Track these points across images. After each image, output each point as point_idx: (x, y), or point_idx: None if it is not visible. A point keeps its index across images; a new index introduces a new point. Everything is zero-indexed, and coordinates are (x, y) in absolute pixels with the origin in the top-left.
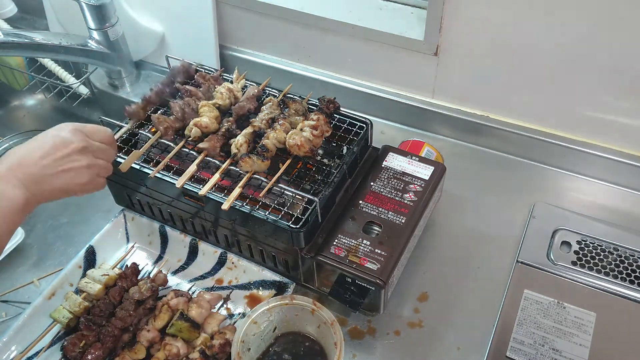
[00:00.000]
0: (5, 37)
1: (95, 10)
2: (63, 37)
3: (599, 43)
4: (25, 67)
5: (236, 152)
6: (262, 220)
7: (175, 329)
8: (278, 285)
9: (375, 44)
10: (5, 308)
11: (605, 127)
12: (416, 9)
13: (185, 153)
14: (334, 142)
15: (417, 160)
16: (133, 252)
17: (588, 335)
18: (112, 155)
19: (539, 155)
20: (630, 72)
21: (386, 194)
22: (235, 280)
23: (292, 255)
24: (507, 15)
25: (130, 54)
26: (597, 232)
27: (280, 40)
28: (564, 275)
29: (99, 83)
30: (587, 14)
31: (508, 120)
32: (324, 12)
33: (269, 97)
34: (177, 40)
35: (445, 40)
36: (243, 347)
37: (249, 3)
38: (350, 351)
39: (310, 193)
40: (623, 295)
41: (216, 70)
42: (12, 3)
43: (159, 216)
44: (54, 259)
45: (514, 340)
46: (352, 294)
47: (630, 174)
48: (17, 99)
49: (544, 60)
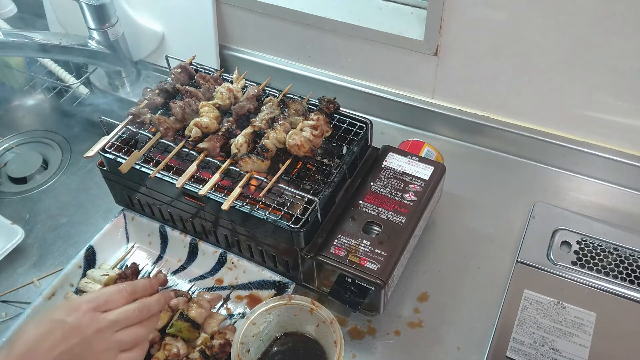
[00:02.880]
0: (5, 37)
1: (95, 10)
2: (63, 37)
3: (599, 43)
4: (25, 67)
5: (236, 152)
6: (262, 220)
7: (175, 329)
8: (278, 285)
9: (375, 44)
10: (5, 308)
11: (605, 127)
12: (416, 9)
13: (185, 153)
14: (334, 142)
15: (417, 160)
16: (133, 252)
17: (588, 335)
18: (148, 313)
19: (539, 155)
20: (630, 72)
21: (386, 194)
22: (235, 280)
23: (292, 255)
24: (507, 15)
25: (130, 54)
26: (597, 232)
27: (280, 40)
28: (564, 275)
29: (99, 83)
30: (587, 14)
31: (508, 120)
32: (324, 12)
33: (269, 97)
34: (177, 40)
35: (445, 40)
36: (243, 348)
37: (249, 3)
38: (350, 351)
39: (310, 193)
40: (623, 295)
41: (216, 70)
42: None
43: (159, 216)
44: (54, 259)
45: (514, 340)
46: (352, 294)
47: (630, 174)
48: (17, 99)
49: (544, 60)
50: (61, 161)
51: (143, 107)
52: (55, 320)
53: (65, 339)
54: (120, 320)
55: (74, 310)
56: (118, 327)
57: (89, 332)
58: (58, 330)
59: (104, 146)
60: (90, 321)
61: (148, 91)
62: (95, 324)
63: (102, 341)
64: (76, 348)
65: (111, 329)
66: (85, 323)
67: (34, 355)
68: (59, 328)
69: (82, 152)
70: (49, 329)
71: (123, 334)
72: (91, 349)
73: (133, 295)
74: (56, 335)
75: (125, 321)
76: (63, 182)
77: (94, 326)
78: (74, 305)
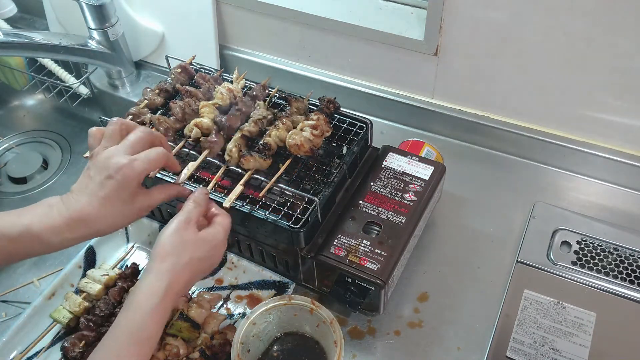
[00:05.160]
0: (5, 37)
1: (95, 10)
2: (63, 37)
3: (598, 43)
4: (25, 67)
5: (229, 159)
6: (262, 220)
7: (175, 329)
8: (278, 285)
9: (375, 44)
10: (5, 308)
11: (605, 127)
12: (416, 9)
13: (185, 153)
14: (334, 142)
15: (417, 160)
16: (133, 252)
17: (588, 335)
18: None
19: (539, 155)
20: (630, 72)
21: (386, 194)
22: (235, 280)
23: (292, 255)
24: (507, 15)
25: (130, 54)
26: (597, 232)
27: (280, 40)
28: (564, 275)
29: (99, 83)
30: (587, 14)
31: (508, 120)
32: (324, 12)
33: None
34: (177, 40)
35: (445, 40)
36: (243, 348)
37: (249, 3)
38: (350, 351)
39: (310, 193)
40: (623, 295)
41: (216, 70)
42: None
43: (159, 216)
44: (54, 259)
45: (514, 340)
46: (352, 294)
47: (630, 174)
48: (17, 99)
49: (544, 60)
50: (61, 161)
51: (143, 107)
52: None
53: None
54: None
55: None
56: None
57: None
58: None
59: None
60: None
61: (148, 91)
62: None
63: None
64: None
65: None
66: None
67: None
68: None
69: (82, 152)
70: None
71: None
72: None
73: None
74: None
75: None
76: (63, 182)
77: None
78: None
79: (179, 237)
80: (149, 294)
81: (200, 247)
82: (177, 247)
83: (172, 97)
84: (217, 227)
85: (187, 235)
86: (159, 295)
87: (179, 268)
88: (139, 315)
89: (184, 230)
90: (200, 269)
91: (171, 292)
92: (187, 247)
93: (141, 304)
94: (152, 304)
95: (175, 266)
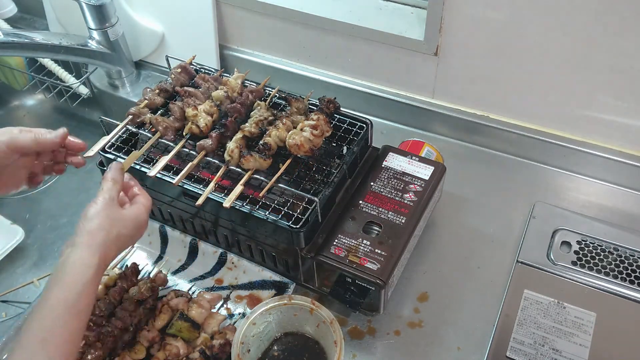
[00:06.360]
0: (5, 37)
1: (95, 10)
2: (63, 37)
3: (599, 43)
4: (25, 67)
5: (229, 159)
6: (262, 220)
7: (175, 329)
8: (278, 285)
9: (375, 44)
10: (5, 308)
11: (605, 127)
12: (416, 9)
13: (185, 153)
14: (334, 142)
15: (417, 160)
16: (133, 252)
17: (588, 335)
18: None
19: (539, 155)
20: (630, 72)
21: (386, 194)
22: (235, 280)
23: (292, 255)
24: (507, 15)
25: (130, 54)
26: (597, 232)
27: (280, 40)
28: (564, 275)
29: (99, 83)
30: (587, 14)
31: (508, 120)
32: (324, 12)
33: (256, 102)
34: (177, 40)
35: (445, 40)
36: (243, 348)
37: (249, 3)
38: (350, 351)
39: (310, 193)
40: (623, 295)
41: (216, 70)
42: (12, 3)
43: (159, 216)
44: (54, 259)
45: (514, 340)
46: (352, 294)
47: (630, 174)
48: (17, 99)
49: (544, 60)
50: None
51: (143, 107)
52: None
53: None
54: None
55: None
56: None
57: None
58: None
59: (104, 146)
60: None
61: (148, 91)
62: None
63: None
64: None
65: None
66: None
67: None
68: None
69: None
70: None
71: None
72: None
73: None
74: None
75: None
76: (63, 182)
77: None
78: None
79: (106, 214)
80: (83, 267)
81: (127, 225)
82: (106, 223)
83: (172, 97)
84: (140, 207)
85: (113, 213)
86: (94, 268)
87: (109, 243)
88: (75, 288)
89: (110, 208)
90: (125, 244)
91: (103, 265)
92: (114, 224)
93: (76, 277)
94: (88, 276)
95: (106, 241)
